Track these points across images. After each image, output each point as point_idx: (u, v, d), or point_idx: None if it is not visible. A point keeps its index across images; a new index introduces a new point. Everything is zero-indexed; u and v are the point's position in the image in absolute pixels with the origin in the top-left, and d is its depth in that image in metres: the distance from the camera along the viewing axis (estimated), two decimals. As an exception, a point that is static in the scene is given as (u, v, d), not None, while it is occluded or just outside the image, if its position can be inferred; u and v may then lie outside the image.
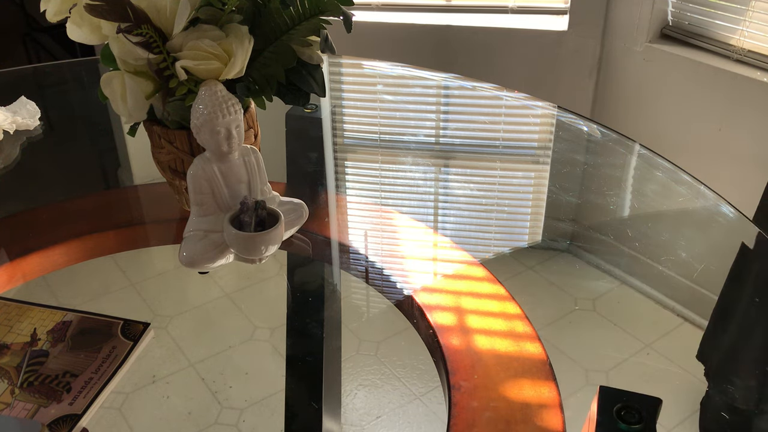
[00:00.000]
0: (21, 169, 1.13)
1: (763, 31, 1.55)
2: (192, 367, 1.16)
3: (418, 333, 0.81)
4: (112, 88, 0.78)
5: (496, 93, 1.37)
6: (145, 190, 1.07)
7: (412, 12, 1.99)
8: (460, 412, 0.67)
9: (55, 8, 0.78)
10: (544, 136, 1.29)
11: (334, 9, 0.74)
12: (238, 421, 1.16)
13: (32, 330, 0.83)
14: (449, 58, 1.94)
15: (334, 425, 1.00)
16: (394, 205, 1.07)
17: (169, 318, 1.14)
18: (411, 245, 0.95)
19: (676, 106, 1.72)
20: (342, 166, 1.20)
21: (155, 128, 0.82)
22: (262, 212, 0.74)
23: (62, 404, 0.74)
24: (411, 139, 1.28)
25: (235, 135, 0.73)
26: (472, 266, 0.89)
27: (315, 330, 0.94)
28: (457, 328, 0.78)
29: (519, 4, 1.92)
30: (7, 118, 1.16)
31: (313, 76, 0.80)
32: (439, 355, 0.75)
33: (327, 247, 0.94)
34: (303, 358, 0.96)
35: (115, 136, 1.31)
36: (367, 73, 1.50)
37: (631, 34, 1.75)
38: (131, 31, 0.70)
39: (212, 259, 0.76)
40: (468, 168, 1.23)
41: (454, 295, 0.83)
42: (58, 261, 0.92)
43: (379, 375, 1.27)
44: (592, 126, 1.26)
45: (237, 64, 0.73)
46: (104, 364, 0.79)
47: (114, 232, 0.95)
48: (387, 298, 0.86)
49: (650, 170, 1.14)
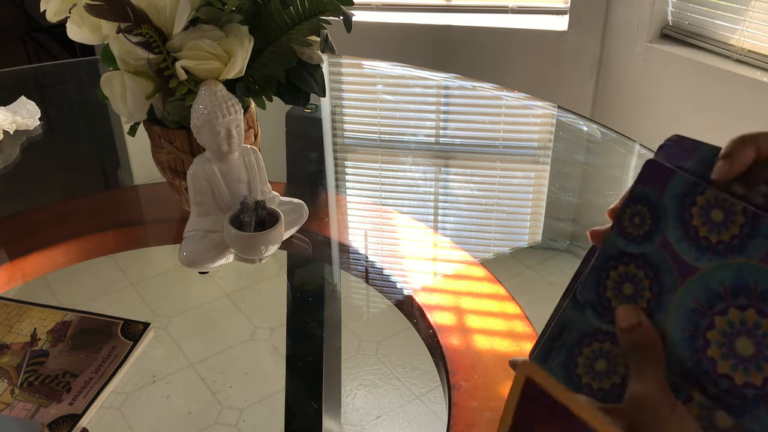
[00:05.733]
0: (21, 169, 1.13)
1: (763, 31, 1.55)
2: (192, 367, 1.16)
3: (418, 333, 0.81)
4: (112, 88, 0.78)
5: (496, 93, 1.37)
6: (145, 190, 1.07)
7: (412, 12, 1.99)
8: (460, 412, 0.67)
9: (55, 8, 0.78)
10: (544, 136, 1.29)
11: (334, 9, 0.74)
12: (238, 421, 1.16)
13: (32, 330, 0.83)
14: (449, 58, 1.94)
15: (334, 425, 1.00)
16: (394, 205, 1.07)
17: (169, 318, 1.14)
18: (411, 245, 0.95)
19: (676, 106, 1.72)
20: (342, 166, 1.20)
21: (155, 128, 0.82)
22: (262, 212, 0.74)
23: (62, 404, 0.74)
24: (411, 139, 1.28)
25: (235, 135, 0.73)
26: (472, 266, 0.89)
27: (315, 330, 0.94)
28: (457, 328, 0.78)
29: (519, 4, 1.92)
30: (7, 118, 1.16)
31: (313, 76, 0.80)
32: (439, 355, 0.75)
33: (327, 247, 0.94)
34: (303, 358, 0.96)
35: (115, 136, 1.31)
36: (367, 73, 1.50)
37: (631, 34, 1.75)
38: (131, 31, 0.70)
39: (212, 259, 0.76)
40: (468, 168, 1.23)
41: (454, 295, 0.83)
42: (58, 261, 0.92)
43: (379, 375, 1.27)
44: (592, 126, 1.26)
45: (237, 64, 0.73)
46: (104, 364, 0.79)
47: (114, 232, 0.95)
48: (387, 298, 0.86)
49: (650, 170, 1.14)
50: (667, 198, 0.40)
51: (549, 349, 0.44)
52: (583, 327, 0.42)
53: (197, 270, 0.81)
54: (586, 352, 0.42)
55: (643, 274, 0.40)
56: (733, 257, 0.37)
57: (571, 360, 0.42)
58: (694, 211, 0.39)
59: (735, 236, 0.37)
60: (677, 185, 0.40)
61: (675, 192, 0.40)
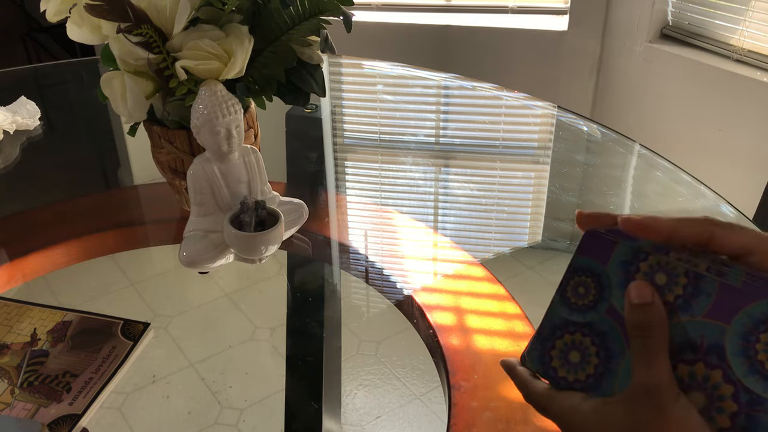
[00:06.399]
0: (21, 169, 1.13)
1: (763, 31, 1.55)
2: (192, 367, 1.16)
3: (418, 333, 0.81)
4: (112, 88, 0.78)
5: (496, 93, 1.37)
6: (145, 190, 1.07)
7: (412, 12, 1.99)
8: (460, 412, 0.67)
9: (55, 8, 0.78)
10: (544, 136, 1.29)
11: (334, 9, 0.74)
12: (238, 421, 1.16)
13: (32, 330, 0.83)
14: (449, 58, 1.94)
15: (334, 425, 1.00)
16: (394, 205, 1.07)
17: (169, 318, 1.14)
18: (411, 245, 0.95)
19: (676, 106, 1.72)
20: (342, 166, 1.20)
21: (155, 128, 0.82)
22: (262, 212, 0.74)
23: (62, 404, 0.74)
24: (411, 139, 1.28)
25: (235, 135, 0.73)
26: (472, 266, 0.89)
27: (315, 330, 0.94)
28: (457, 328, 0.78)
29: (519, 4, 1.92)
30: (7, 118, 1.16)
31: (313, 76, 0.80)
32: (439, 355, 0.75)
33: (327, 247, 0.94)
34: (303, 358, 0.96)
35: (115, 136, 1.31)
36: (367, 73, 1.50)
37: (631, 34, 1.75)
38: (131, 31, 0.70)
39: (212, 259, 0.76)
40: (468, 168, 1.23)
41: (454, 295, 0.83)
42: (58, 261, 0.92)
43: (379, 375, 1.27)
44: (592, 126, 1.26)
45: (237, 64, 0.73)
46: (104, 364, 0.79)
47: (114, 232, 0.95)
48: (387, 298, 0.86)
49: (650, 170, 1.14)
50: (611, 267, 0.41)
51: (532, 343, 0.44)
52: (554, 319, 0.43)
53: (197, 270, 0.81)
54: (558, 344, 0.43)
55: (590, 341, 0.41)
56: (677, 317, 0.38)
57: (545, 353, 0.43)
58: (637, 277, 0.40)
59: (679, 296, 0.38)
60: (620, 253, 0.41)
61: (619, 260, 0.41)
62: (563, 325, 0.42)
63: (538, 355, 0.43)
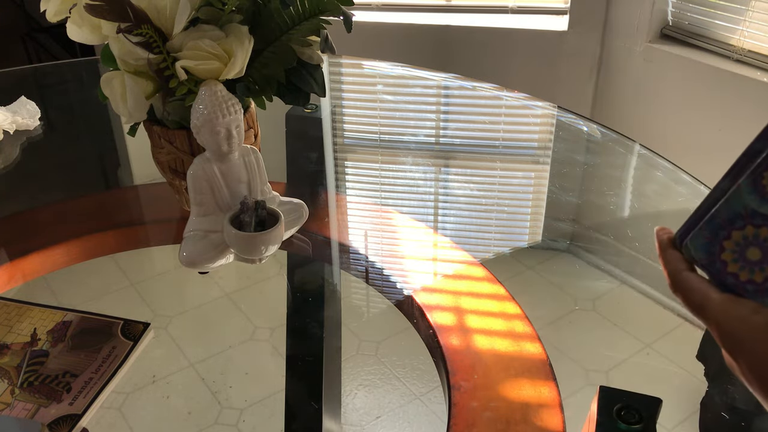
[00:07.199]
0: (21, 169, 1.13)
1: (763, 31, 1.55)
2: (192, 367, 1.16)
3: (418, 333, 0.81)
4: (112, 88, 0.78)
5: (496, 93, 1.37)
6: (145, 190, 1.07)
7: (412, 12, 1.99)
8: (460, 412, 0.67)
9: (55, 8, 0.78)
10: (544, 136, 1.29)
11: (334, 9, 0.74)
12: (238, 421, 1.16)
13: (32, 330, 0.83)
14: (449, 58, 1.94)
15: (334, 425, 1.00)
16: (394, 205, 1.07)
17: (169, 318, 1.14)
18: (411, 245, 0.95)
19: (676, 106, 1.72)
20: (342, 166, 1.20)
21: (155, 128, 0.82)
22: (262, 212, 0.74)
23: (62, 404, 0.74)
24: (411, 139, 1.28)
25: (235, 135, 0.73)
26: (472, 266, 0.89)
27: (315, 330, 0.94)
28: (457, 328, 0.78)
29: (519, 4, 1.92)
30: (7, 118, 1.16)
31: (313, 76, 0.80)
32: (439, 355, 0.75)
33: (327, 247, 0.94)
34: (303, 358, 0.96)
35: (115, 136, 1.31)
36: (367, 73, 1.50)
37: (631, 34, 1.75)
38: (131, 31, 0.70)
39: (212, 259, 0.76)
40: (468, 168, 1.23)
41: (454, 295, 0.83)
42: (58, 261, 0.92)
43: (379, 375, 1.27)
44: (592, 126, 1.26)
45: (237, 64, 0.73)
46: (104, 364, 0.79)
47: (114, 232, 0.95)
48: (387, 298, 0.86)
49: (650, 170, 1.14)
50: None
51: (692, 226, 0.38)
52: (737, 207, 0.37)
53: (197, 270, 0.81)
54: (735, 236, 0.37)
55: None
56: None
57: (716, 243, 0.37)
58: None
59: None
60: None
61: None
62: (748, 215, 0.36)
63: (705, 242, 0.37)
